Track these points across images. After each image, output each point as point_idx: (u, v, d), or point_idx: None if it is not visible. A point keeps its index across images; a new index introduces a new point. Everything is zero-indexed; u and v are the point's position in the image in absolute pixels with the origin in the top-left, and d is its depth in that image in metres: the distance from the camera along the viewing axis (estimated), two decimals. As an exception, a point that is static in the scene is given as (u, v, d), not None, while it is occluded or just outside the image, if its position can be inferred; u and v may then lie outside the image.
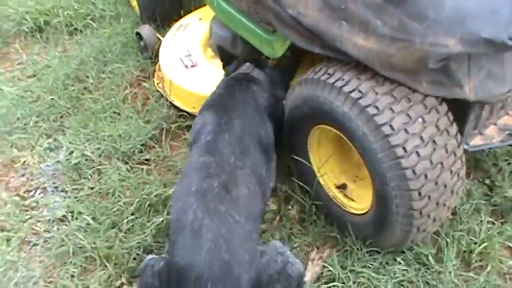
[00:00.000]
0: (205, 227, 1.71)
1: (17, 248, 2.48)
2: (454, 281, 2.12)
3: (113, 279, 2.28)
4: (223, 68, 2.59)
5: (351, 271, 2.16)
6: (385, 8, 1.72)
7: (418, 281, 2.13)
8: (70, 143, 2.97)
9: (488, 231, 2.24)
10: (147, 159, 2.86)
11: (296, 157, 2.34)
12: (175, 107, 3.08)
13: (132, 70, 3.47)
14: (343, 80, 1.93)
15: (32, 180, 2.85)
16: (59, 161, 2.91)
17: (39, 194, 2.77)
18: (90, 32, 3.91)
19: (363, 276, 2.14)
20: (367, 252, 2.20)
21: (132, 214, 2.48)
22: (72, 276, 2.32)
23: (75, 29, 3.99)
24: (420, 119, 1.82)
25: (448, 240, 2.22)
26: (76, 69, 3.53)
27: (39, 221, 2.61)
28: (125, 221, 2.44)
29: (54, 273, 2.37)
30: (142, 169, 2.77)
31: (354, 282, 2.13)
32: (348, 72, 1.94)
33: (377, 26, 1.74)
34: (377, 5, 1.74)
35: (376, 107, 1.82)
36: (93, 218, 2.49)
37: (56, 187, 2.78)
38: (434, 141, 1.83)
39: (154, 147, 2.91)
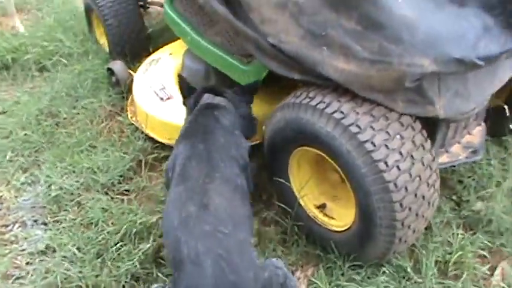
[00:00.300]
0: (202, 254, 1.73)
1: (-1, 282, 2.44)
2: (434, 289, 2.25)
3: (102, 308, 2.28)
4: (183, 102, 2.60)
5: (337, 285, 2.25)
6: (364, 34, 1.87)
7: (401, 291, 2.25)
8: (47, 176, 2.96)
9: (461, 241, 2.38)
10: (126, 190, 2.88)
11: (277, 179, 2.43)
12: (150, 138, 3.13)
13: (104, 105, 3.52)
14: (324, 102, 2.06)
15: (9, 215, 2.81)
16: (37, 195, 2.89)
17: (18, 227, 2.73)
18: (60, 68, 3.95)
19: (349, 290, 2.24)
20: (349, 267, 2.29)
21: (118, 243, 2.48)
22: (59, 307, 2.30)
23: (44, 66, 4.03)
24: (398, 136, 1.97)
25: (424, 252, 2.35)
26: (48, 105, 3.55)
27: (19, 255, 2.56)
28: (112, 249, 2.44)
29: (40, 304, 2.34)
30: (122, 200, 2.79)
31: (340, 296, 2.23)
32: (328, 95, 2.08)
33: (357, 50, 1.89)
34: (356, 31, 1.89)
35: (358, 126, 1.95)
36: (78, 248, 2.48)
37: (35, 220, 2.75)
38: (412, 156, 1.98)
39: (132, 178, 2.94)
